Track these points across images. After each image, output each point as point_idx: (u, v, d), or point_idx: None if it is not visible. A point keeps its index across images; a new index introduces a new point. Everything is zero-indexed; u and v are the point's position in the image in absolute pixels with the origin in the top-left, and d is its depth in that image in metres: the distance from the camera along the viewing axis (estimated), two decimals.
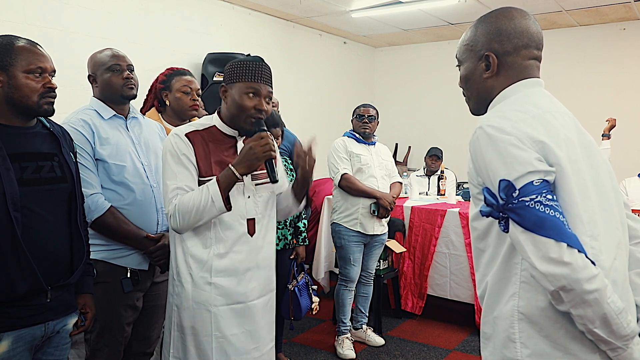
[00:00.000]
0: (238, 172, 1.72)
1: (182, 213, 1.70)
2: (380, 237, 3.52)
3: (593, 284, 0.99)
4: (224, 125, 1.85)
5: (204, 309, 1.78)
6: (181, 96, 2.42)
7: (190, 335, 1.79)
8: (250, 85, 1.77)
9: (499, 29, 1.23)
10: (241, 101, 1.77)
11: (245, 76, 1.77)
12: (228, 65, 1.83)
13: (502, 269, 1.15)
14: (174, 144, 1.77)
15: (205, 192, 1.70)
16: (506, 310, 1.14)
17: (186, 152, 1.76)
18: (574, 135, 1.14)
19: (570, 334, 1.08)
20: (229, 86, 1.81)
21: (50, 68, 1.60)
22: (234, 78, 1.79)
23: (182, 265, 1.80)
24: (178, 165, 1.75)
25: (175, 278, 1.82)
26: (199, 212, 1.69)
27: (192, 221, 1.71)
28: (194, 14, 4.71)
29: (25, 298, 1.52)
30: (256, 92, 1.78)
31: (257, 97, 1.78)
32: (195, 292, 1.78)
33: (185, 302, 1.79)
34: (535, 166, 1.04)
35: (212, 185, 1.71)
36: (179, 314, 1.80)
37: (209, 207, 1.69)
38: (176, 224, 1.72)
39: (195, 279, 1.78)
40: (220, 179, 1.72)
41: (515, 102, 1.19)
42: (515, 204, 1.03)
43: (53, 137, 1.66)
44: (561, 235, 1.00)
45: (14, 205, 1.47)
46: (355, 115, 3.49)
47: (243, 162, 1.73)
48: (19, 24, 3.43)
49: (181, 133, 1.78)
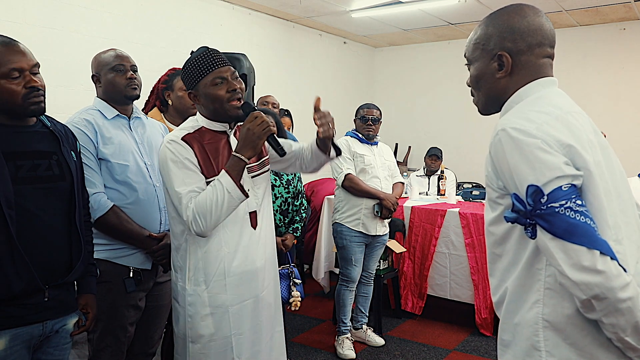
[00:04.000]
0: (245, 156, 1.71)
1: (202, 214, 1.66)
2: (382, 238, 3.52)
3: (627, 292, 0.96)
4: (211, 123, 1.83)
5: (223, 311, 1.77)
6: (183, 95, 2.42)
7: (210, 342, 1.77)
8: (212, 76, 1.75)
9: (512, 27, 1.18)
10: (213, 92, 1.75)
11: (203, 71, 1.75)
12: (182, 74, 1.82)
13: (523, 275, 1.12)
14: (173, 150, 1.73)
15: (219, 187, 1.68)
16: (529, 317, 1.11)
17: (188, 155, 1.73)
18: (593, 136, 1.12)
19: (597, 341, 1.05)
20: (194, 90, 1.79)
21: (29, 66, 1.53)
22: (195, 79, 1.77)
23: (194, 273, 1.77)
24: (183, 169, 1.72)
25: (188, 288, 1.77)
26: (218, 208, 1.66)
27: (214, 219, 1.68)
28: (194, 14, 4.70)
29: (22, 296, 1.51)
30: (221, 78, 1.76)
31: (224, 82, 1.76)
32: (212, 297, 1.76)
33: (202, 310, 1.76)
34: (563, 171, 1.01)
35: (223, 177, 1.69)
36: (194, 324, 1.77)
37: (227, 200, 1.67)
38: (199, 228, 1.68)
39: (210, 284, 1.76)
40: (229, 169, 1.70)
41: (534, 102, 1.15)
42: (544, 210, 1.00)
43: (53, 135, 1.65)
44: (593, 242, 0.97)
45: (7, 203, 1.46)
46: (359, 116, 3.47)
47: (246, 145, 1.72)
48: (19, 24, 3.43)
49: (177, 138, 1.75)
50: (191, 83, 1.79)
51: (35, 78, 1.55)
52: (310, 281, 4.73)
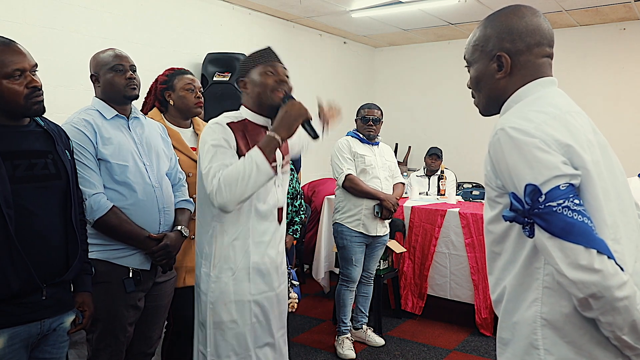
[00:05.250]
0: (279, 136, 1.74)
1: (227, 184, 1.67)
2: (382, 238, 3.52)
3: (624, 291, 0.97)
4: (255, 116, 1.90)
5: (245, 300, 1.83)
6: (185, 94, 2.42)
7: (231, 329, 1.82)
8: (266, 67, 1.86)
9: (510, 28, 1.20)
10: (262, 79, 1.85)
11: (259, 61, 1.87)
12: (240, 63, 1.92)
13: (522, 274, 1.13)
14: (215, 130, 1.79)
15: (248, 160, 1.70)
16: (528, 316, 1.11)
17: (228, 137, 1.78)
18: (592, 135, 1.12)
19: (595, 339, 1.06)
20: (246, 77, 1.88)
21: (29, 66, 1.55)
22: (249, 67, 1.87)
23: (221, 260, 1.81)
24: (220, 148, 1.76)
25: (212, 275, 1.81)
26: (245, 180, 1.67)
27: (239, 192, 1.67)
28: (194, 14, 4.71)
29: (20, 295, 1.52)
30: (274, 71, 1.86)
31: (275, 75, 1.86)
32: (236, 285, 1.81)
33: (226, 297, 1.81)
34: (562, 170, 1.01)
35: (254, 151, 1.70)
36: (216, 310, 1.81)
37: (254, 173, 1.67)
38: (222, 198, 1.67)
39: (236, 272, 1.81)
40: (262, 145, 1.72)
41: (533, 102, 1.16)
42: (541, 209, 1.01)
43: (47, 135, 1.66)
44: (590, 241, 0.98)
45: (6, 203, 1.47)
46: (360, 116, 3.47)
47: (282, 125, 1.76)
48: (19, 24, 3.43)
49: (222, 122, 1.82)
50: (245, 70, 1.89)
51: (35, 78, 1.56)
52: (310, 281, 4.73)
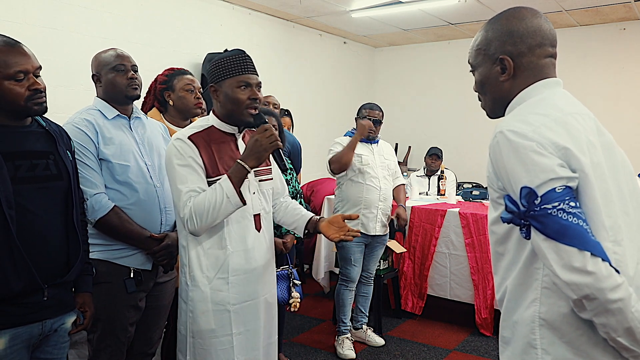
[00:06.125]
0: (248, 166, 1.75)
1: (198, 214, 1.71)
2: (382, 238, 3.51)
3: (617, 293, 0.98)
4: (222, 124, 1.88)
5: (223, 309, 1.81)
6: (185, 95, 2.42)
7: (210, 338, 1.80)
8: (240, 79, 1.80)
9: (511, 31, 1.21)
10: (235, 95, 1.80)
11: (233, 71, 1.80)
12: (211, 65, 1.86)
13: (522, 274, 1.14)
14: (178, 148, 1.78)
15: (219, 190, 1.72)
16: (527, 315, 1.13)
17: (192, 154, 1.78)
18: (595, 137, 1.12)
19: (592, 340, 1.06)
20: (218, 85, 1.84)
21: (32, 68, 1.55)
22: (221, 76, 1.82)
23: (196, 269, 1.81)
24: (186, 168, 1.77)
25: (190, 283, 1.82)
26: (215, 211, 1.71)
27: (209, 221, 1.73)
28: (194, 14, 4.71)
29: (22, 296, 1.52)
30: (247, 84, 1.81)
31: (249, 88, 1.82)
32: (213, 293, 1.80)
33: (203, 305, 1.80)
34: (557, 173, 1.02)
35: (225, 182, 1.73)
36: (195, 319, 1.81)
37: (224, 204, 1.71)
38: (194, 226, 1.73)
39: (213, 281, 1.80)
40: (231, 174, 1.74)
41: (535, 104, 1.16)
42: (537, 212, 1.02)
43: (49, 135, 1.66)
44: (584, 243, 0.99)
45: (8, 203, 1.47)
46: (361, 116, 3.43)
47: (251, 155, 1.77)
48: (19, 24, 3.43)
49: (184, 137, 1.80)
50: (217, 78, 1.83)
51: (38, 80, 1.56)
52: (310, 281, 4.73)
